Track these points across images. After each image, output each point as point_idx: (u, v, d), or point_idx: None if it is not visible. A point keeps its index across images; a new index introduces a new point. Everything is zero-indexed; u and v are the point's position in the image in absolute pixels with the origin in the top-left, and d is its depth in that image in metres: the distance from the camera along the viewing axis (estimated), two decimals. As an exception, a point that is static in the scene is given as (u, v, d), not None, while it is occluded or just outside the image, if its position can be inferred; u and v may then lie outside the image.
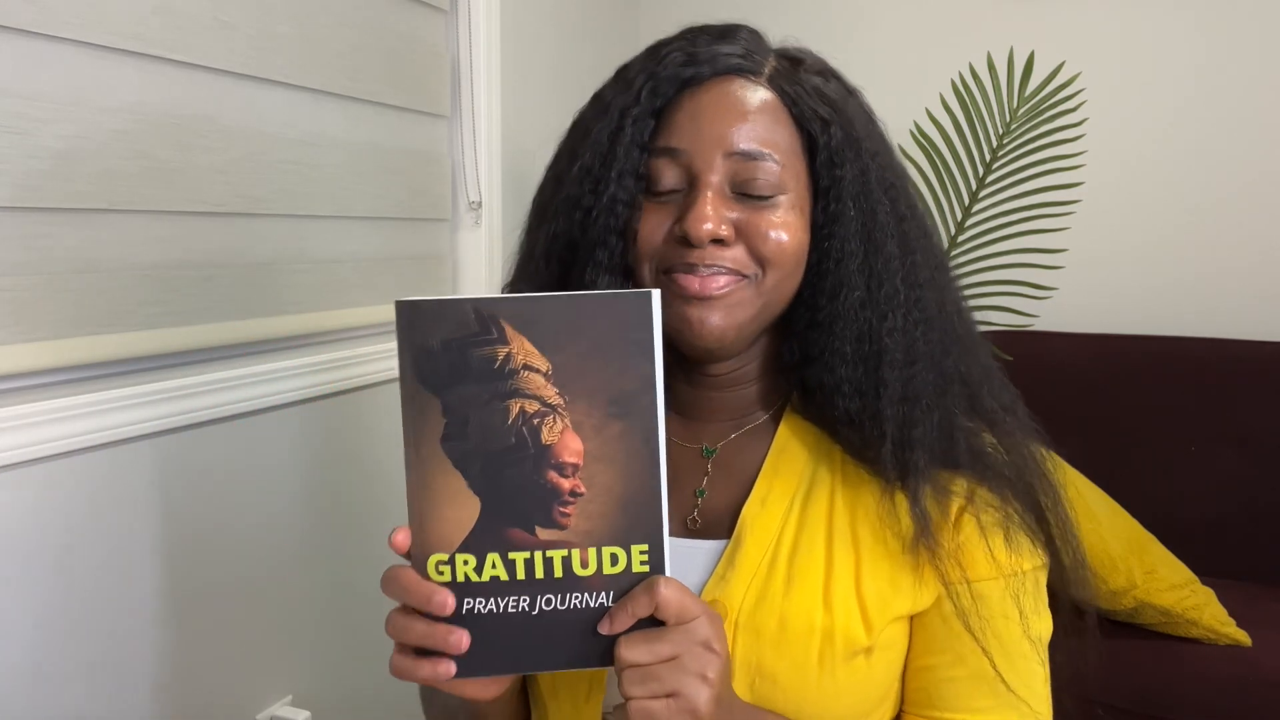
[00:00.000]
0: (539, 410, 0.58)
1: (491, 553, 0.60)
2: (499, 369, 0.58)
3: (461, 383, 0.59)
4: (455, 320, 0.58)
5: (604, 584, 0.59)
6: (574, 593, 0.59)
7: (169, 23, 1.08)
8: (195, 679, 1.17)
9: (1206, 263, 2.10)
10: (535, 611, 0.60)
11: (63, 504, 1.00)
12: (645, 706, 0.56)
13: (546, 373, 0.58)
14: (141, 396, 1.06)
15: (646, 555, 0.59)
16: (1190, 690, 1.52)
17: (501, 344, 0.58)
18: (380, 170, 1.47)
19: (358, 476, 1.43)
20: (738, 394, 0.76)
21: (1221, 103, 2.07)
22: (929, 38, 2.26)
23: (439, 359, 0.59)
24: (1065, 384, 1.99)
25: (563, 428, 0.58)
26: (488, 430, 0.59)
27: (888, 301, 0.69)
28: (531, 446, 0.58)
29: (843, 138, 0.70)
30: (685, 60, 0.70)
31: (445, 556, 0.60)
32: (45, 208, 0.97)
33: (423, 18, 1.56)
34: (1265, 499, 1.85)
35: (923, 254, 0.72)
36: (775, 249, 0.68)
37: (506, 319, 0.57)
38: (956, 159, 1.88)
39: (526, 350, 0.58)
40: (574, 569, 0.59)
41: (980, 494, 0.70)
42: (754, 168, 0.68)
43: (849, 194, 0.70)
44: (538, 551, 0.59)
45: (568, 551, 0.59)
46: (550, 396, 0.58)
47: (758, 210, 0.68)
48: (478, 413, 0.59)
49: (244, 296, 1.22)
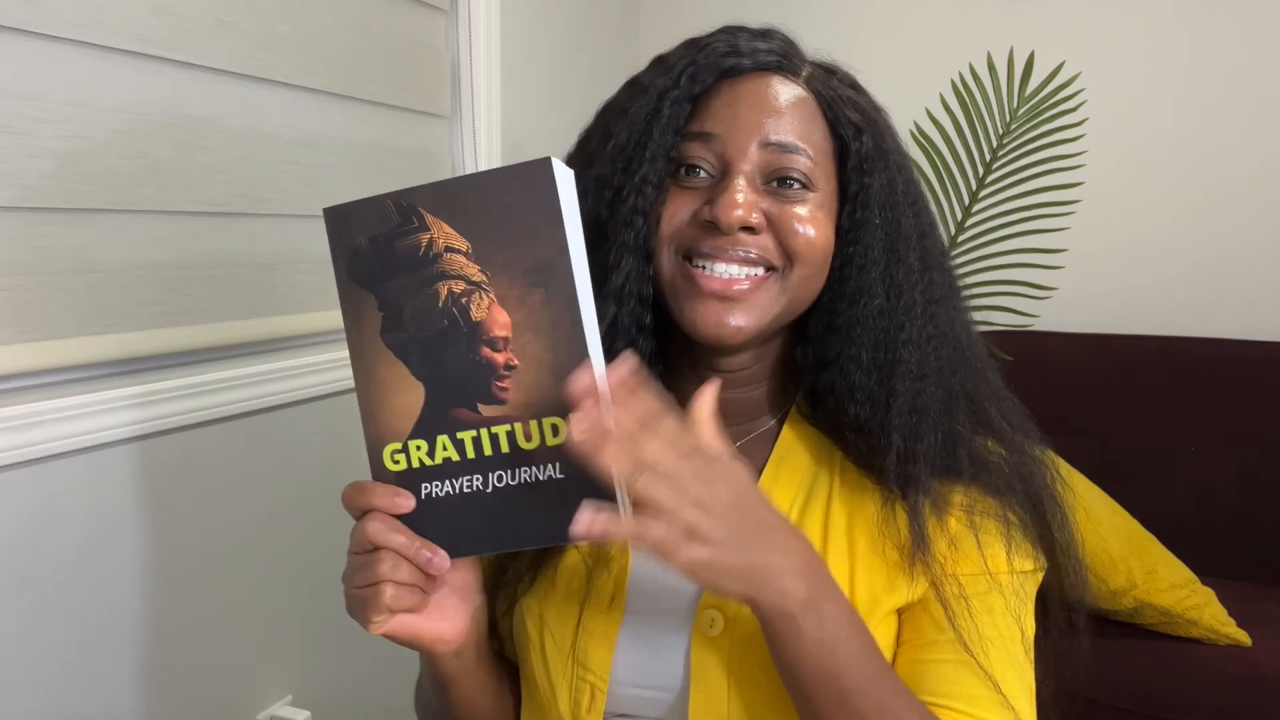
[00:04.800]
0: (465, 289, 0.59)
1: (441, 435, 0.61)
2: (424, 255, 0.60)
3: (393, 275, 0.60)
4: (379, 216, 0.60)
5: (549, 456, 0.59)
6: (522, 466, 0.60)
7: (169, 23, 1.08)
8: (195, 679, 1.17)
9: (1206, 262, 2.10)
10: (489, 490, 0.61)
11: (63, 504, 1.00)
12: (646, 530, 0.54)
13: (467, 252, 0.59)
14: (141, 396, 1.06)
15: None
16: (1190, 690, 1.52)
17: (423, 230, 0.59)
18: (380, 170, 1.47)
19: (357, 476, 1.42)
20: (746, 395, 0.76)
21: (1221, 102, 2.07)
22: (929, 38, 2.26)
23: (369, 256, 0.61)
24: (1065, 384, 2.00)
25: (489, 303, 0.59)
26: (422, 316, 0.60)
27: (906, 312, 0.70)
28: (463, 325, 0.59)
29: (874, 146, 0.71)
30: (728, 50, 0.70)
31: (399, 445, 0.62)
32: (45, 208, 0.97)
33: (423, 18, 1.57)
34: (1265, 499, 1.85)
35: (939, 272, 0.73)
36: (804, 243, 0.68)
37: (424, 206, 0.59)
38: (956, 159, 1.88)
39: (446, 233, 0.59)
40: (519, 442, 0.59)
41: (980, 503, 0.70)
42: (788, 159, 0.68)
43: (876, 202, 0.70)
44: (483, 429, 0.60)
45: (511, 426, 0.59)
46: (473, 274, 0.59)
47: (788, 204, 0.68)
48: (410, 301, 0.60)
49: (244, 296, 1.22)
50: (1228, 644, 1.60)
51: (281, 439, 1.28)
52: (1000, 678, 0.67)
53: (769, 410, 0.77)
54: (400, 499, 0.61)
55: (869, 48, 2.28)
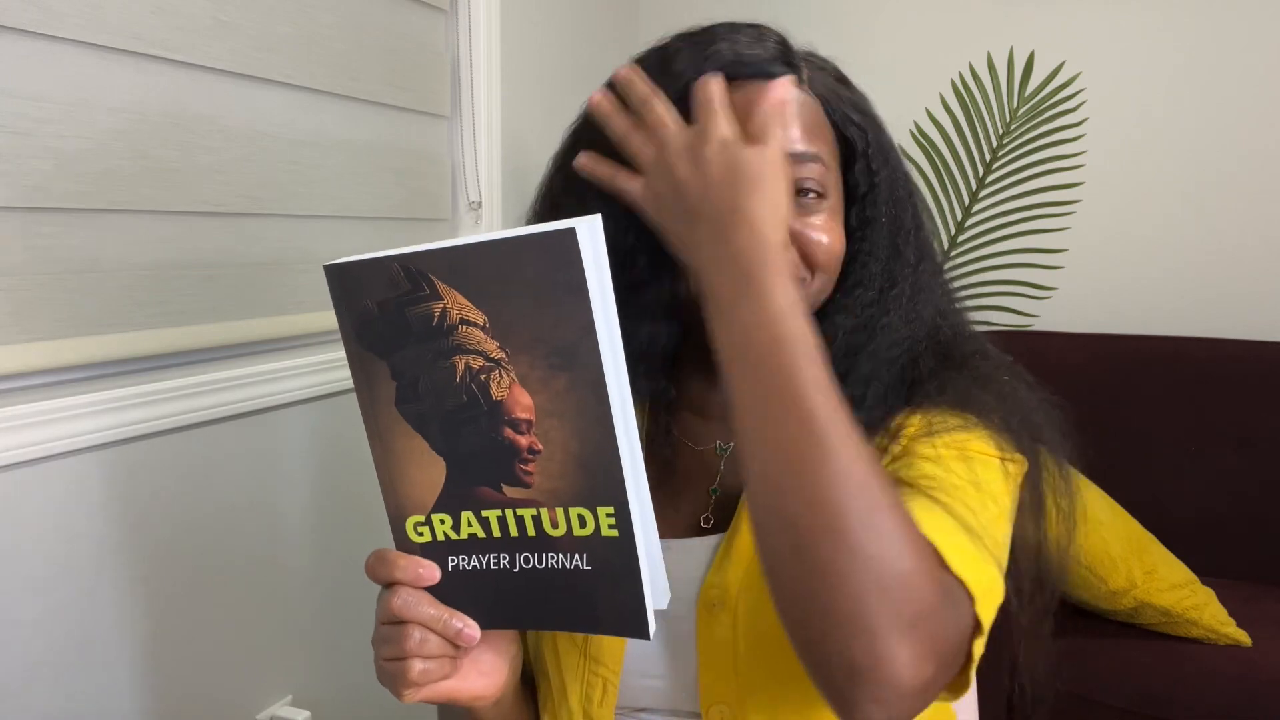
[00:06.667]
0: (484, 365, 0.54)
1: (465, 511, 0.58)
2: (437, 326, 0.55)
3: (405, 344, 0.56)
4: (386, 280, 0.55)
5: (576, 546, 0.56)
6: (549, 553, 0.57)
7: (169, 23, 1.08)
8: (195, 679, 1.17)
9: (1206, 262, 2.10)
10: (516, 569, 0.58)
11: (62, 504, 1.00)
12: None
13: (484, 326, 0.54)
14: (141, 396, 1.06)
15: (614, 519, 0.54)
16: (1190, 690, 1.52)
17: (435, 299, 0.54)
18: (380, 170, 1.47)
19: (357, 476, 1.43)
20: None
21: (1221, 102, 2.07)
22: (929, 38, 2.26)
23: (378, 322, 0.56)
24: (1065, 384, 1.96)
25: (510, 382, 0.54)
26: (438, 390, 0.56)
27: (894, 301, 0.70)
28: (483, 404, 0.55)
29: (877, 143, 0.71)
30: (735, 58, 0.68)
31: (422, 517, 0.59)
32: (45, 208, 0.97)
33: (423, 18, 1.56)
34: (1265, 499, 1.85)
35: (929, 262, 0.74)
36: (827, 255, 0.68)
37: (434, 273, 0.53)
38: (956, 159, 1.88)
39: (460, 303, 0.54)
40: (545, 529, 0.56)
41: (939, 414, 0.66)
42: (804, 169, 0.68)
43: (884, 199, 0.70)
44: (508, 509, 0.57)
45: (536, 511, 0.56)
46: (492, 350, 0.54)
47: (807, 216, 0.68)
48: (425, 373, 0.56)
49: (244, 296, 1.22)
50: (1228, 644, 1.60)
51: (281, 439, 1.28)
52: (970, 520, 0.60)
53: None
54: (425, 570, 0.59)
55: (869, 48, 2.28)
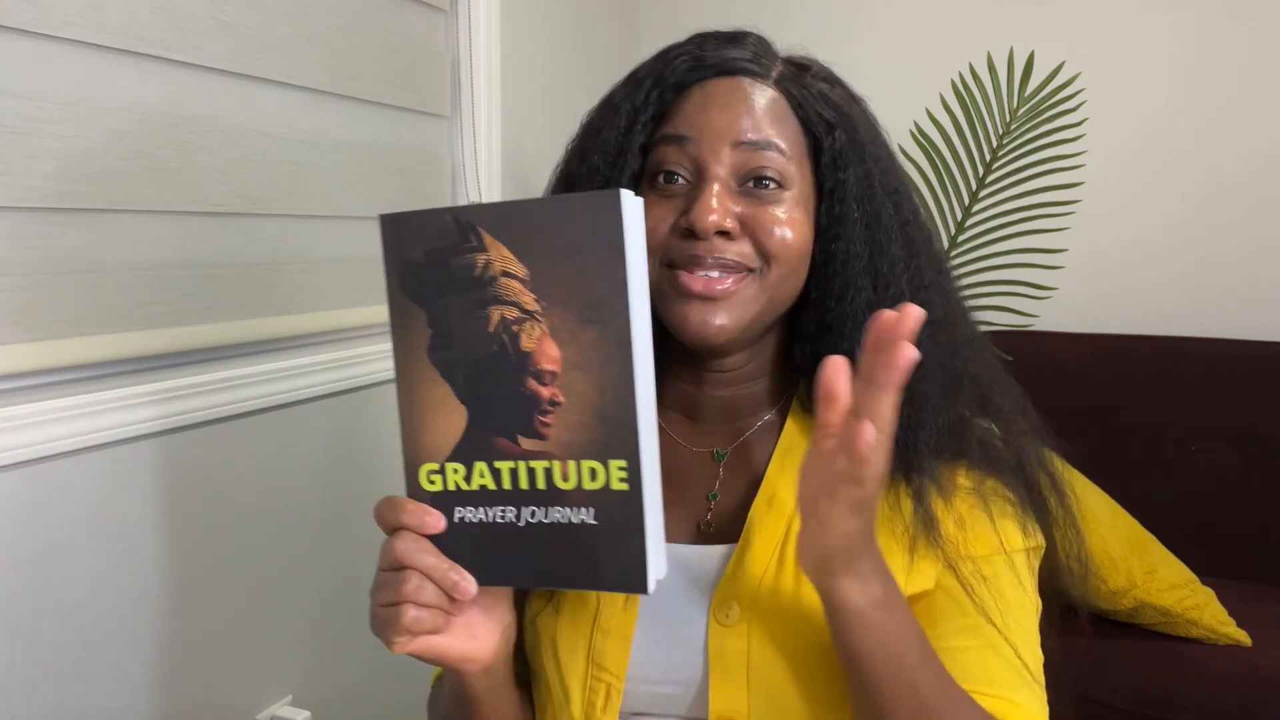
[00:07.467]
0: (518, 317, 0.57)
1: (479, 461, 0.60)
2: (479, 276, 0.58)
3: (445, 293, 0.58)
4: (436, 230, 0.58)
5: (585, 499, 0.57)
6: (557, 506, 0.58)
7: (169, 23, 1.08)
8: (195, 679, 1.17)
9: (1206, 262, 2.10)
10: (521, 524, 0.59)
11: (62, 504, 1.00)
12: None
13: (524, 278, 0.57)
14: (141, 397, 1.06)
15: (625, 472, 0.56)
16: (1190, 690, 1.52)
17: (480, 251, 0.57)
18: (380, 170, 1.47)
19: (356, 477, 1.43)
20: (744, 391, 0.76)
21: (1222, 103, 2.07)
22: (929, 38, 2.26)
23: (423, 270, 0.59)
24: (1065, 384, 1.99)
25: (541, 334, 0.57)
26: (471, 338, 0.58)
27: (894, 303, 0.70)
28: (512, 354, 0.58)
29: (847, 141, 0.71)
30: (692, 65, 0.71)
31: (436, 465, 0.61)
32: (45, 208, 0.97)
33: (423, 18, 1.56)
34: (1265, 499, 1.85)
35: (927, 258, 0.73)
36: (780, 244, 0.68)
37: (484, 226, 0.57)
38: (956, 159, 1.88)
39: (504, 256, 0.57)
40: (555, 481, 0.58)
41: (987, 483, 0.70)
42: (761, 157, 0.68)
43: (853, 196, 0.70)
44: (521, 462, 0.59)
45: (549, 463, 0.58)
46: (528, 303, 0.57)
47: (763, 205, 0.69)
48: (461, 321, 0.58)
49: (244, 296, 1.22)
50: (1228, 644, 1.60)
51: (281, 439, 1.28)
52: (1021, 652, 0.67)
53: (770, 404, 0.77)
54: (431, 519, 0.60)
55: (869, 48, 2.28)
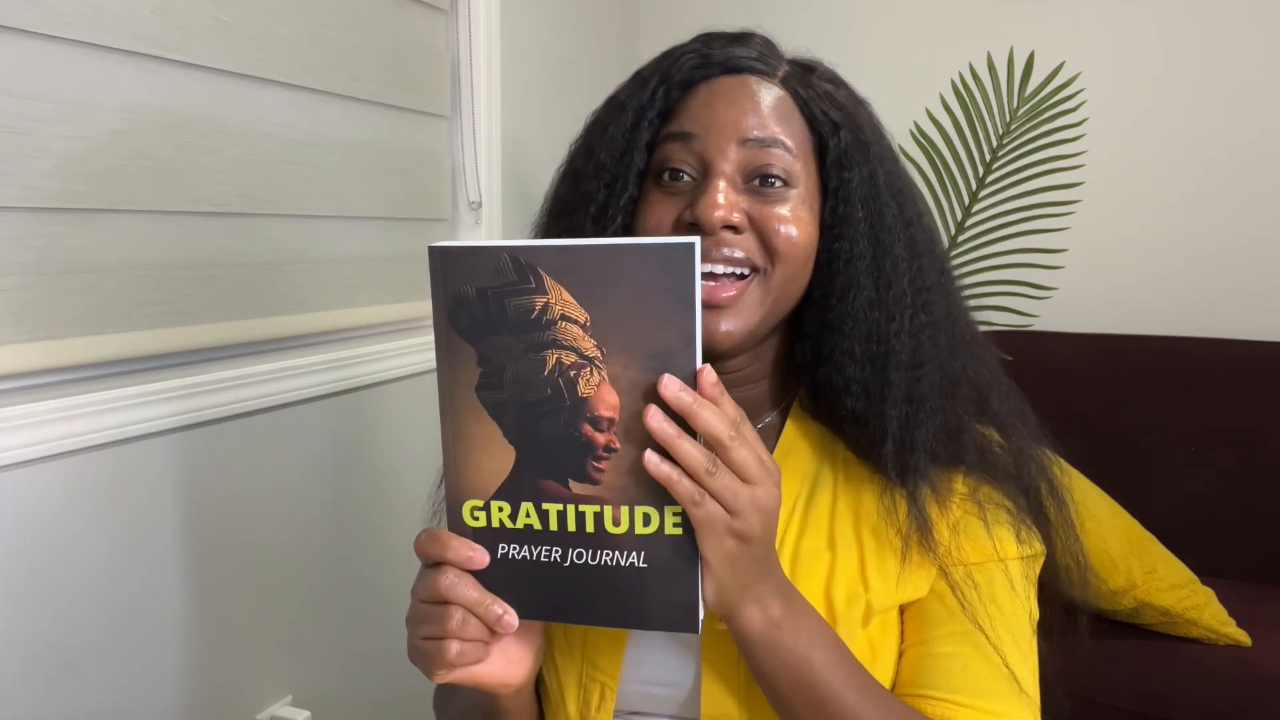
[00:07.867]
0: (576, 362, 0.56)
1: (526, 502, 0.59)
2: (536, 319, 0.56)
3: (497, 332, 0.57)
4: (492, 268, 0.56)
5: (635, 544, 0.58)
6: (605, 550, 0.58)
7: (169, 23, 1.08)
8: (195, 678, 1.17)
9: (1206, 262, 2.10)
10: (567, 564, 0.59)
11: (62, 504, 1.00)
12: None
13: (584, 324, 0.56)
14: (141, 397, 1.06)
15: (679, 518, 0.57)
16: (1190, 690, 1.52)
17: (539, 294, 0.56)
18: (380, 170, 1.47)
19: (357, 476, 1.43)
20: (747, 393, 0.76)
21: (1222, 102, 2.07)
22: (929, 38, 2.26)
23: (475, 307, 0.57)
24: (1065, 384, 1.99)
25: (599, 381, 0.56)
26: (524, 381, 0.58)
27: (895, 303, 0.70)
28: (567, 399, 0.57)
29: (852, 141, 0.71)
30: (699, 63, 0.71)
31: (480, 502, 0.60)
32: (45, 208, 0.97)
33: (423, 18, 1.57)
34: (1265, 499, 1.85)
35: (929, 259, 0.73)
36: (786, 242, 0.68)
37: (545, 268, 0.56)
38: (956, 159, 1.88)
39: (564, 300, 0.56)
40: (606, 526, 0.58)
41: (984, 489, 0.71)
42: (767, 154, 0.68)
43: (857, 196, 0.70)
44: (570, 505, 0.58)
45: (600, 508, 0.58)
46: (588, 349, 0.56)
47: (769, 203, 0.69)
48: (514, 363, 0.58)
49: (244, 296, 1.22)
50: (1228, 644, 1.60)
51: (281, 439, 1.28)
52: (1011, 662, 0.67)
53: (770, 406, 0.77)
54: (475, 555, 0.60)
55: (869, 48, 2.28)
